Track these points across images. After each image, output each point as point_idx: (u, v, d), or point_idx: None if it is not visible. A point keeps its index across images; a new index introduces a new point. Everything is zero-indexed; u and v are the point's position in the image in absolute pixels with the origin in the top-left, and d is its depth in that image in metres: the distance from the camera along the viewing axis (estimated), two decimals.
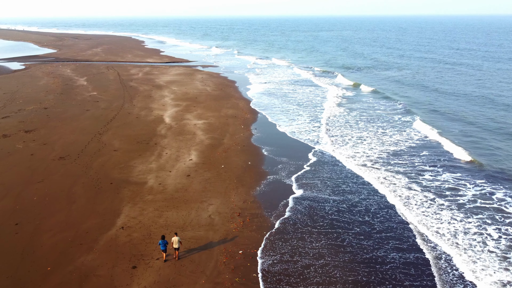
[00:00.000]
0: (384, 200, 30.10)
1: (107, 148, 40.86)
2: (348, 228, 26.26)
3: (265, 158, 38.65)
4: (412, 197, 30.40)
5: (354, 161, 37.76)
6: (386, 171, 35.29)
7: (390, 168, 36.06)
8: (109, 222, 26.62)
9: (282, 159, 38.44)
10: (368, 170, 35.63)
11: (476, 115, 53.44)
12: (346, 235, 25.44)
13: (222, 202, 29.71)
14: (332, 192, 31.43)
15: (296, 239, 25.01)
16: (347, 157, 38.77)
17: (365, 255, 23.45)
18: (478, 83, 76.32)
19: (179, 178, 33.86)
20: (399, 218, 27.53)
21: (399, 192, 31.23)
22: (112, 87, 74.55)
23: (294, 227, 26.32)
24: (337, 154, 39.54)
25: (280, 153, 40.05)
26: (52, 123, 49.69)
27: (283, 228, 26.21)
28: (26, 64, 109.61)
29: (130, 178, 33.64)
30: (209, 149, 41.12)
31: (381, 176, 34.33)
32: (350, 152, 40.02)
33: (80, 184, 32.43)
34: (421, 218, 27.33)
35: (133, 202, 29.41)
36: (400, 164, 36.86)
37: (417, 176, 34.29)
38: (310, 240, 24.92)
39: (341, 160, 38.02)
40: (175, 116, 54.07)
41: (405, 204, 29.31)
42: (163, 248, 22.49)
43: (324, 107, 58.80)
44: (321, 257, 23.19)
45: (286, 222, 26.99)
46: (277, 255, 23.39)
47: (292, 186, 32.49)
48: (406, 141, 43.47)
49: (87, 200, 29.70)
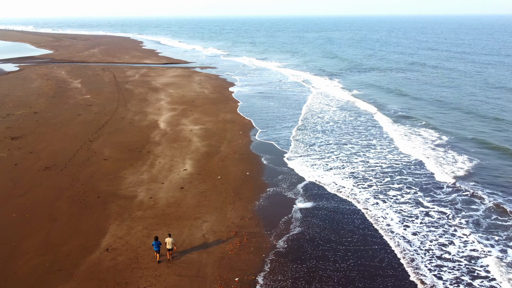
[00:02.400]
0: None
1: (97, 157, 38.45)
2: (362, 251, 23.87)
3: (265, 168, 36.24)
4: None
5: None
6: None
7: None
8: (92, 243, 24.21)
9: (283, 168, 36.02)
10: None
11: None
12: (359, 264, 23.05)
13: (217, 218, 27.30)
14: (342, 205, 29.04)
15: (299, 263, 22.59)
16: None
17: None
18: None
19: (172, 191, 31.45)
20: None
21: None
22: (106, 90, 72.13)
23: (297, 250, 23.88)
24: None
25: (281, 162, 37.64)
26: (40, 129, 47.27)
27: (284, 250, 23.77)
28: (21, 65, 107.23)
29: (119, 191, 31.23)
30: (205, 157, 38.71)
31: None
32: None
33: (65, 198, 30.01)
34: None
35: (120, 219, 27.00)
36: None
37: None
38: (316, 266, 22.50)
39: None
40: (170, 121, 51.66)
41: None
42: (157, 249, 22.40)
43: (326, 113, 56.46)
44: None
45: (288, 242, 24.57)
46: (278, 285, 20.95)
47: (295, 200, 30.08)
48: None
49: (70, 217, 27.28)
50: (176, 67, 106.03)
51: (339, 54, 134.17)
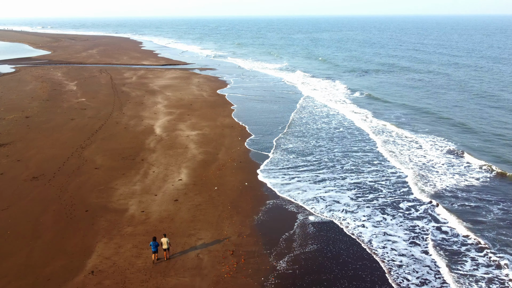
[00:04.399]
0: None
1: (88, 166, 36.55)
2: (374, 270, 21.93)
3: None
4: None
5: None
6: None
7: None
8: (77, 264, 22.30)
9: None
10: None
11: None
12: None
13: (213, 235, 25.39)
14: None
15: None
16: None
17: None
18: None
19: (165, 203, 29.53)
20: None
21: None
22: (102, 93, 70.25)
23: (300, 273, 21.93)
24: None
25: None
26: (31, 135, 45.38)
27: (285, 273, 21.82)
28: (17, 66, 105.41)
29: (109, 204, 29.32)
30: (202, 166, 36.79)
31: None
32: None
33: (51, 212, 28.10)
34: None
35: (109, 236, 25.09)
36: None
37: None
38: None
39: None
40: (167, 126, 49.75)
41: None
42: (154, 249, 22.33)
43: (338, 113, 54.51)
44: None
45: (290, 264, 22.62)
46: None
47: (297, 214, 28.15)
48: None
49: (55, 233, 25.38)
50: (174, 69, 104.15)
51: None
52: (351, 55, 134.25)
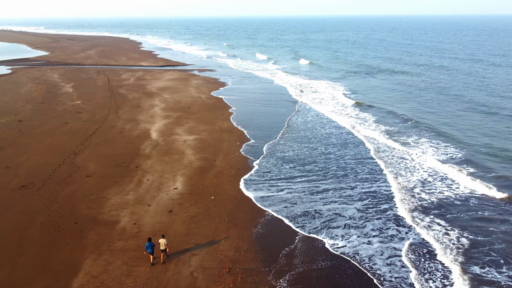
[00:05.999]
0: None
1: (80, 173, 35.05)
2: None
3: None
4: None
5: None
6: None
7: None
8: (62, 284, 20.80)
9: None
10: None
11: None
12: None
13: (208, 251, 23.88)
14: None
15: None
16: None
17: None
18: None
19: (159, 215, 28.04)
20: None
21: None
22: (98, 95, 68.76)
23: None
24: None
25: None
26: (22, 140, 43.89)
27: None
28: (14, 68, 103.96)
29: (100, 216, 27.82)
30: (198, 173, 35.29)
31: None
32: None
33: (38, 224, 26.62)
34: None
35: (97, 252, 23.59)
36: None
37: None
38: None
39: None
40: (163, 130, 48.25)
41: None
42: (151, 250, 22.38)
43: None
44: None
45: (290, 283, 21.10)
46: None
47: (298, 229, 26.65)
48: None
49: (41, 248, 23.89)
50: (173, 70, 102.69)
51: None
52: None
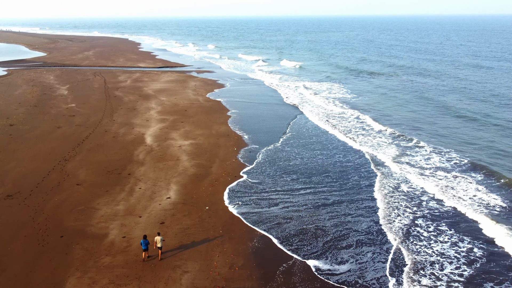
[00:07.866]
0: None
1: (69, 181, 33.62)
2: None
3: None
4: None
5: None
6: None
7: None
8: None
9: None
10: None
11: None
12: None
13: (201, 267, 22.44)
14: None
15: None
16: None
17: None
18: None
19: (150, 227, 26.60)
20: None
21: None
22: (94, 98, 67.35)
23: None
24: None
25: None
26: (12, 146, 42.47)
27: None
28: (10, 69, 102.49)
29: (88, 228, 26.40)
30: (193, 181, 33.86)
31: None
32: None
33: (21, 238, 25.19)
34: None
35: (83, 269, 22.14)
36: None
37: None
38: None
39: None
40: (158, 134, 46.82)
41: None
42: (145, 247, 22.48)
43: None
44: None
45: None
46: None
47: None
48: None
49: (23, 266, 22.44)
50: (171, 71, 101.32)
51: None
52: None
